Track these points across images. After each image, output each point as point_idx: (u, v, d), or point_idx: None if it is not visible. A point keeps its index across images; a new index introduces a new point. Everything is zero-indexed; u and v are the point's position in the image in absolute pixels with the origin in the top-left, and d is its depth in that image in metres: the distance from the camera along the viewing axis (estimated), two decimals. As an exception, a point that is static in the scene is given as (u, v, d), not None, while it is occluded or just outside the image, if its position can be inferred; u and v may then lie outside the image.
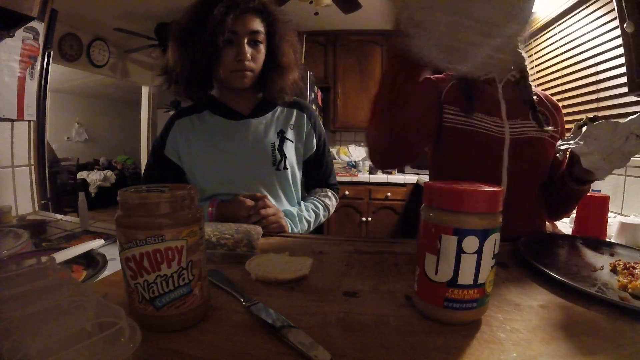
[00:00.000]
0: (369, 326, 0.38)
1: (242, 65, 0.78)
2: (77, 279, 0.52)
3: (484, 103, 0.79)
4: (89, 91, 5.74)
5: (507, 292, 0.46)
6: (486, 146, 0.77)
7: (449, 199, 0.36)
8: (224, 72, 0.80)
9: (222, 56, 0.78)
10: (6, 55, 1.03)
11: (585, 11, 1.61)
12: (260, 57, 0.82)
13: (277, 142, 0.88)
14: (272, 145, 0.87)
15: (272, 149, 0.87)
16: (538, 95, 0.83)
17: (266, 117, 0.90)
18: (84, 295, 0.29)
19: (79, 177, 5.16)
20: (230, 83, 0.82)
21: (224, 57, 0.78)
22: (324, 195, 0.99)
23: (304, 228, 0.89)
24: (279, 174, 0.88)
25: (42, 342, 0.23)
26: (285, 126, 0.91)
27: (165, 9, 2.84)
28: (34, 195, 1.17)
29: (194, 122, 0.89)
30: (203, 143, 0.87)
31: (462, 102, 0.79)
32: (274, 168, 0.87)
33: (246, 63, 0.79)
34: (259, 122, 0.89)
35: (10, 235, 0.67)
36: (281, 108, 0.93)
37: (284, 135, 0.90)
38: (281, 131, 0.90)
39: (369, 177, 2.92)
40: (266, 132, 0.88)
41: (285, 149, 0.89)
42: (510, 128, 0.77)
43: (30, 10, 0.76)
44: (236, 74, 0.80)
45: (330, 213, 1.00)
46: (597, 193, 0.89)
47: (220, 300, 0.43)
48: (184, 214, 0.36)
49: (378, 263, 0.57)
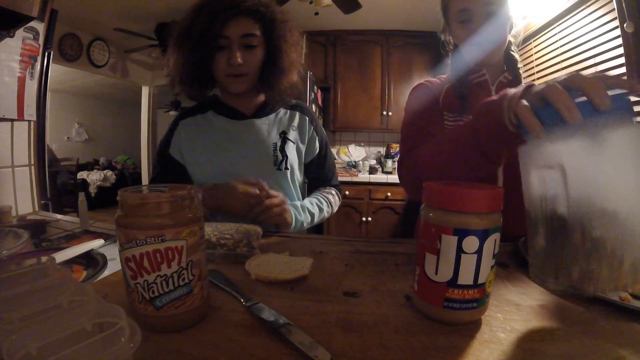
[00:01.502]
0: (369, 326, 0.38)
1: (234, 70, 0.77)
2: (77, 279, 0.52)
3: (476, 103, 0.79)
4: (89, 91, 5.74)
5: (507, 292, 0.46)
6: None
7: (449, 199, 0.36)
8: (219, 76, 0.81)
9: (216, 61, 0.78)
10: (6, 55, 1.03)
11: (585, 11, 1.60)
12: (255, 60, 0.80)
13: (279, 143, 0.89)
14: (273, 145, 0.88)
15: (274, 149, 0.88)
16: None
17: (269, 118, 0.91)
18: (84, 295, 0.29)
19: (79, 177, 5.16)
20: (226, 87, 0.83)
21: (217, 62, 0.78)
22: (327, 192, 0.99)
23: (307, 220, 0.88)
24: (279, 174, 0.89)
25: (42, 342, 0.23)
26: (287, 127, 0.91)
27: (165, 9, 2.84)
28: (34, 195, 1.17)
29: (197, 122, 0.90)
30: (206, 142, 0.87)
31: (457, 104, 0.80)
32: (275, 168, 0.88)
33: (239, 68, 0.77)
34: (261, 123, 0.89)
35: (10, 235, 0.67)
36: (284, 110, 0.94)
37: (286, 136, 0.90)
38: (283, 132, 0.90)
39: (369, 177, 2.93)
40: (268, 133, 0.89)
41: (287, 150, 0.89)
42: None
43: (30, 10, 0.76)
44: (230, 79, 0.80)
45: (334, 210, 1.00)
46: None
47: (220, 300, 0.43)
48: (184, 214, 0.36)
49: (378, 263, 0.57)
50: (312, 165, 0.96)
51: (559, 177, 0.31)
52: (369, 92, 3.11)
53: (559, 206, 0.32)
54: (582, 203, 0.30)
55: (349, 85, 3.14)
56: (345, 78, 3.14)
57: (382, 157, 3.35)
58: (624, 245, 0.29)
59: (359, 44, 3.13)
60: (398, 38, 3.07)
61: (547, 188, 0.33)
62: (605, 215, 0.29)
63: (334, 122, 3.18)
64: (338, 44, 3.15)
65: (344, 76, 3.14)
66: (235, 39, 0.75)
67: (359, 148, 3.41)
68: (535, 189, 0.34)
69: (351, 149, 3.39)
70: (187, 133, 0.89)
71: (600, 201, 0.30)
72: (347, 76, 3.14)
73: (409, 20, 2.85)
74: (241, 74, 0.79)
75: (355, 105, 3.13)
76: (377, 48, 3.11)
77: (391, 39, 3.08)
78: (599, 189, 0.30)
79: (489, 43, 0.75)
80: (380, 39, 3.09)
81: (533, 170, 0.34)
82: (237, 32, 0.75)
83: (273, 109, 0.92)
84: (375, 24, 2.98)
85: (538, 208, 0.34)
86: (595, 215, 0.30)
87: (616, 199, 0.29)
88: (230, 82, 0.80)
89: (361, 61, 3.12)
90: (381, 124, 3.12)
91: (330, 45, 3.16)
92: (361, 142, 3.45)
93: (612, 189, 0.29)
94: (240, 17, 0.75)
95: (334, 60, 3.15)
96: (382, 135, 3.39)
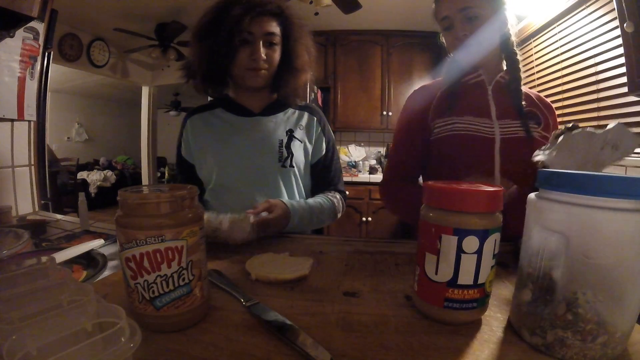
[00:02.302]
0: (369, 326, 0.38)
1: (256, 64, 0.81)
2: (77, 279, 0.52)
3: (473, 105, 0.81)
4: (89, 91, 5.74)
5: (507, 292, 0.46)
6: (476, 147, 0.79)
7: (449, 199, 0.36)
8: (239, 70, 0.83)
9: (238, 55, 0.81)
10: (6, 55, 1.03)
11: (585, 11, 1.60)
12: (274, 58, 0.84)
13: (285, 140, 0.89)
14: (279, 142, 0.88)
15: (280, 145, 0.88)
16: (530, 96, 0.84)
17: (277, 117, 0.92)
18: (84, 295, 0.29)
19: (79, 177, 5.16)
20: (244, 81, 0.85)
21: (240, 56, 0.81)
22: (332, 196, 0.95)
23: (304, 210, 0.83)
24: (284, 171, 0.88)
25: (42, 342, 0.23)
26: (294, 126, 0.92)
27: (165, 9, 2.84)
28: (34, 195, 1.17)
29: (205, 118, 0.93)
30: (212, 137, 0.89)
31: (446, 107, 0.83)
32: (279, 164, 0.87)
33: (260, 63, 0.81)
34: (268, 120, 0.91)
35: (10, 235, 0.67)
36: (292, 110, 0.95)
37: (292, 134, 0.91)
38: (290, 130, 0.91)
39: (369, 177, 2.92)
40: (275, 130, 0.90)
41: (292, 147, 0.90)
42: (500, 128, 0.79)
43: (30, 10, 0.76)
44: (250, 72, 0.82)
45: (337, 215, 0.96)
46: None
47: (220, 300, 0.43)
48: (184, 214, 0.36)
49: (378, 263, 0.57)
50: (318, 166, 0.96)
51: (562, 245, 0.31)
52: (369, 92, 3.11)
53: (553, 269, 0.32)
54: (578, 278, 0.31)
55: (349, 86, 3.14)
56: (345, 78, 3.14)
57: (382, 157, 3.35)
58: (601, 326, 0.30)
59: (359, 44, 3.13)
60: (398, 38, 3.07)
61: (546, 247, 0.33)
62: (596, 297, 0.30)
63: (334, 122, 3.18)
64: (338, 44, 3.15)
65: (344, 76, 3.14)
66: (259, 35, 0.80)
67: (359, 148, 3.40)
68: (535, 243, 0.34)
69: (351, 149, 3.39)
70: (194, 129, 0.91)
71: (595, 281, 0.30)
72: (347, 76, 3.14)
73: (409, 20, 2.85)
74: (261, 69, 0.82)
75: (355, 106, 3.13)
76: (377, 48, 3.11)
77: (391, 39, 3.08)
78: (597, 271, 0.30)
79: (476, 46, 0.76)
80: (380, 39, 3.09)
81: (537, 227, 0.34)
82: (261, 30, 0.80)
83: (282, 108, 0.94)
84: (375, 24, 2.98)
85: (532, 262, 0.34)
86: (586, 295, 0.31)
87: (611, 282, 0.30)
88: (250, 75, 0.83)
89: (361, 61, 3.12)
90: (381, 124, 3.12)
91: (330, 45, 3.16)
92: (361, 142, 3.45)
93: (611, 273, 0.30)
94: (264, 16, 0.80)
95: (334, 60, 3.15)
96: (382, 135, 3.39)
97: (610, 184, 0.29)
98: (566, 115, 1.79)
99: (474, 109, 0.80)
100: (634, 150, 0.50)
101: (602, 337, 0.30)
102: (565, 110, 1.79)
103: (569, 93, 1.76)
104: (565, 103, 1.78)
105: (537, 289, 0.33)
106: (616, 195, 0.29)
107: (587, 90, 1.61)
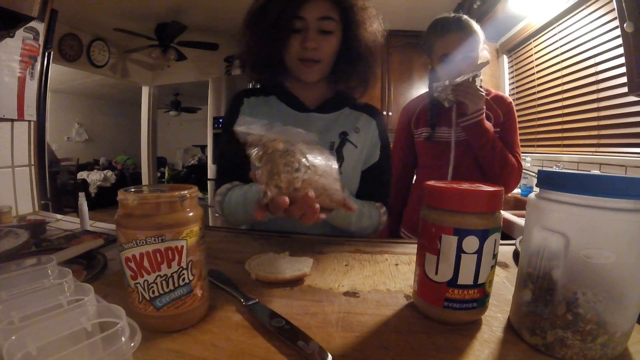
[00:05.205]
0: (369, 326, 0.38)
1: (308, 54, 0.72)
2: (77, 279, 0.52)
3: (441, 116, 1.16)
4: (89, 91, 5.74)
5: (507, 292, 0.46)
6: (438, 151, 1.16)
7: (449, 199, 0.36)
8: (290, 60, 0.75)
9: (289, 43, 0.72)
10: (6, 55, 1.03)
11: (585, 11, 1.60)
12: (330, 47, 0.73)
13: (336, 143, 0.79)
14: (330, 144, 0.78)
15: (330, 148, 0.78)
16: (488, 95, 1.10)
17: (331, 115, 0.82)
18: (84, 295, 0.29)
19: (79, 177, 5.16)
20: (296, 75, 0.76)
21: (290, 45, 0.72)
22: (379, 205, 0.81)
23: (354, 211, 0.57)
24: None
25: (42, 342, 0.23)
26: (349, 128, 0.81)
27: (165, 9, 2.84)
28: (34, 195, 1.17)
29: (260, 102, 0.84)
30: None
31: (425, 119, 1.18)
32: None
33: (313, 52, 0.72)
34: (321, 118, 0.81)
35: (10, 235, 0.67)
36: (349, 109, 0.84)
37: (346, 137, 0.80)
38: (344, 132, 0.80)
39: (369, 177, 2.92)
40: (327, 130, 0.80)
41: (344, 152, 0.79)
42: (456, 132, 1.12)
43: (30, 10, 0.76)
44: (302, 64, 0.74)
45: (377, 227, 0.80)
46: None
47: (220, 300, 0.43)
48: (184, 214, 0.36)
49: (378, 263, 0.57)
50: (369, 173, 0.83)
51: (562, 245, 0.31)
52: (369, 92, 3.07)
53: (553, 269, 0.32)
54: (578, 278, 0.31)
55: (349, 85, 3.14)
56: (345, 78, 3.14)
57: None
58: (601, 326, 0.30)
59: (359, 44, 3.13)
60: (398, 38, 3.06)
61: (546, 247, 0.33)
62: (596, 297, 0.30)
63: (334, 122, 3.18)
64: (338, 44, 3.15)
65: (344, 76, 3.14)
66: (311, 21, 0.70)
67: (359, 148, 3.40)
68: (535, 243, 0.34)
69: (351, 149, 3.39)
70: (252, 109, 0.82)
71: (595, 281, 0.30)
72: (347, 76, 3.14)
73: (409, 20, 2.84)
74: (314, 60, 0.73)
75: (355, 105, 3.13)
76: (377, 48, 3.11)
77: (391, 39, 3.07)
78: (597, 271, 0.30)
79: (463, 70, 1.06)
80: (380, 39, 3.09)
81: (537, 227, 0.34)
82: (314, 15, 0.70)
83: (339, 106, 0.83)
84: (375, 24, 2.98)
85: (532, 262, 0.34)
86: (586, 295, 0.31)
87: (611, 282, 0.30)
88: (302, 69, 0.74)
89: (361, 61, 3.12)
90: (381, 124, 3.12)
91: (330, 45, 3.16)
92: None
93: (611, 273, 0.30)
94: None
95: (334, 60, 3.15)
96: (382, 135, 3.39)
97: (611, 184, 0.29)
98: (566, 115, 1.79)
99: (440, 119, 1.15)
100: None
101: (602, 337, 0.30)
102: (565, 110, 1.79)
103: (569, 93, 1.75)
104: (565, 103, 1.78)
105: (537, 289, 0.34)
106: (616, 195, 0.29)
107: (587, 90, 1.61)
